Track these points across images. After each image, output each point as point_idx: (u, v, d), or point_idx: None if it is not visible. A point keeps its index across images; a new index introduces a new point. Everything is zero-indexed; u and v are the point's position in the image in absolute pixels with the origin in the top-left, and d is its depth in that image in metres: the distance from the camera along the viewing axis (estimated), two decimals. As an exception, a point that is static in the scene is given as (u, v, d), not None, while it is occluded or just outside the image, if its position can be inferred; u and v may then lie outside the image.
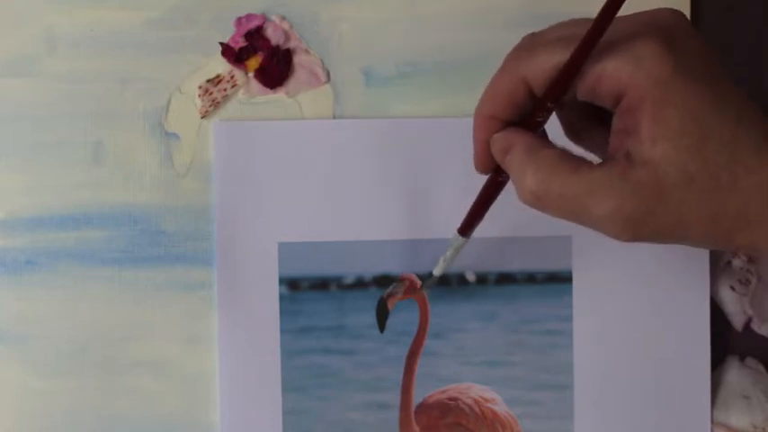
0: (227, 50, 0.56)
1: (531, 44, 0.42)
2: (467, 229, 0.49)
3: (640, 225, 0.40)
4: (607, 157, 0.41)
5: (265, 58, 0.56)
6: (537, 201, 0.41)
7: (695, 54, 0.40)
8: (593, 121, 0.44)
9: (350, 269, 0.56)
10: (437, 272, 0.52)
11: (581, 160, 0.41)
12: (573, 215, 0.41)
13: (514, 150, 0.42)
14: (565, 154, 0.41)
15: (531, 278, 0.57)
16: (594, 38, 0.39)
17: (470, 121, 0.43)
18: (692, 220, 0.39)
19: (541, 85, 0.41)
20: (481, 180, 0.46)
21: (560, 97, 0.41)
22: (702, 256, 0.56)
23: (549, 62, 0.41)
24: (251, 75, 0.56)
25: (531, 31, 0.43)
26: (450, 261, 0.51)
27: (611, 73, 0.40)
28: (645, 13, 0.41)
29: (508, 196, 0.55)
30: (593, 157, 0.43)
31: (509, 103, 0.42)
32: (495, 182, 0.46)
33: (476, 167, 0.45)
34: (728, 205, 0.39)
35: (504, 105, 0.43)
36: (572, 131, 0.45)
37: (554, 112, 0.43)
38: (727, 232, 0.40)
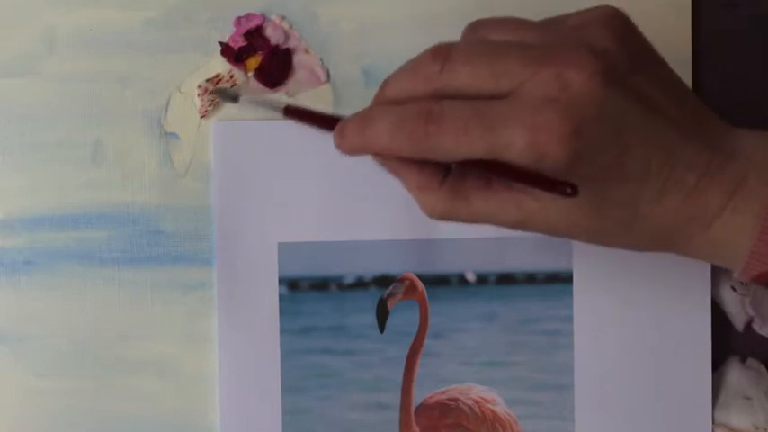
0: (226, 50, 0.56)
1: (438, 115, 0.40)
2: (295, 116, 0.46)
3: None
4: None
5: (265, 57, 0.56)
6: (442, 219, 0.43)
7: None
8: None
9: (350, 269, 0.56)
10: (242, 100, 0.49)
11: (469, 187, 0.43)
12: (485, 223, 0.43)
13: (405, 181, 0.43)
14: (452, 186, 0.43)
15: (531, 278, 0.56)
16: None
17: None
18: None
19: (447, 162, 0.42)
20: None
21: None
22: (703, 256, 0.56)
23: (457, 152, 0.40)
24: (250, 74, 0.56)
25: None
26: (257, 104, 0.48)
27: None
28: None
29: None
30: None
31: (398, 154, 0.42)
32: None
33: (337, 144, 0.44)
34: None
35: (395, 153, 0.42)
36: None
37: None
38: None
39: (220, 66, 0.56)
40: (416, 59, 0.42)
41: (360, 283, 0.56)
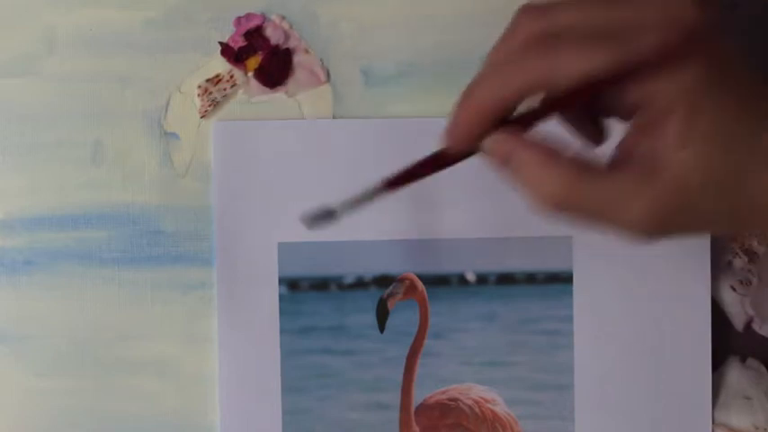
0: (226, 50, 0.56)
1: (554, 37, 0.39)
2: (395, 186, 0.44)
3: (666, 225, 0.40)
4: (619, 154, 0.41)
5: (265, 57, 0.56)
6: (557, 208, 0.40)
7: (725, 59, 0.40)
8: (589, 117, 0.44)
9: (350, 269, 0.56)
10: (341, 208, 0.46)
11: (596, 165, 0.40)
12: (596, 220, 0.40)
13: (524, 162, 0.40)
14: (580, 161, 0.40)
15: (531, 278, 0.56)
16: (640, 56, 0.38)
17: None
18: (712, 216, 0.40)
19: (562, 89, 0.39)
20: (484, 180, 0.46)
21: (580, 103, 0.40)
22: (703, 256, 0.56)
23: (579, 69, 0.39)
24: (250, 74, 0.56)
25: None
26: (356, 204, 0.45)
27: (644, 85, 0.39)
28: (670, 12, 0.40)
29: (509, 197, 0.55)
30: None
31: (517, 101, 0.40)
32: (454, 159, 0.42)
33: (446, 146, 0.42)
34: (747, 199, 0.40)
35: (511, 102, 0.40)
36: (567, 124, 0.44)
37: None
38: (743, 222, 0.41)
39: (220, 66, 0.56)
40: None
41: (360, 283, 0.56)
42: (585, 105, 0.42)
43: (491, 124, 0.41)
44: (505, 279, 0.56)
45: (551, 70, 0.39)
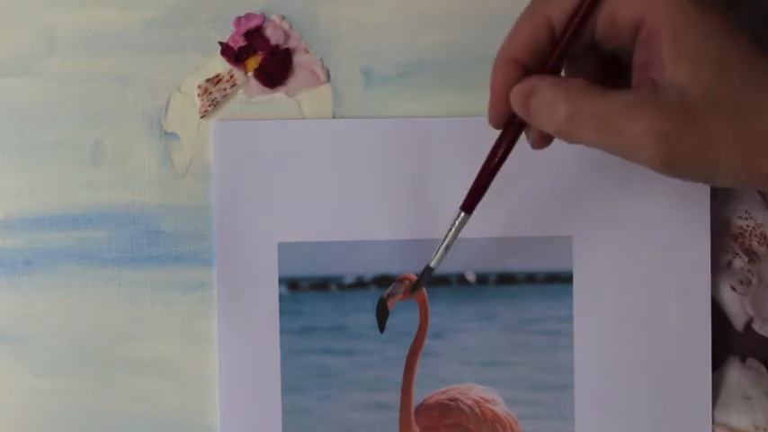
0: (226, 50, 0.56)
1: None
2: (472, 203, 0.48)
3: (673, 145, 0.40)
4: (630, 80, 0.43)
5: (265, 57, 0.56)
6: (571, 124, 0.42)
7: None
8: (608, 73, 0.45)
9: (350, 269, 0.56)
10: (435, 263, 0.51)
11: (607, 88, 0.42)
12: (606, 138, 0.41)
13: (540, 90, 0.43)
14: (587, 82, 0.42)
15: (531, 278, 0.56)
16: None
17: (470, 121, 0.43)
18: (719, 141, 0.40)
19: (564, 23, 0.43)
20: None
21: (581, 29, 0.42)
22: (703, 255, 0.56)
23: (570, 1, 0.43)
24: (250, 74, 0.56)
25: None
26: (450, 245, 0.50)
27: (630, 1, 0.41)
28: None
29: (509, 196, 0.55)
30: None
31: (531, 45, 0.44)
32: (507, 140, 0.46)
33: (490, 119, 0.46)
34: (753, 126, 0.40)
35: (526, 47, 0.44)
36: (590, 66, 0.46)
37: (568, 69, 0.44)
38: (752, 157, 0.41)
39: (220, 66, 0.56)
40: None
41: (360, 283, 0.56)
42: (602, 62, 0.45)
43: (518, 78, 0.44)
44: (505, 279, 0.56)
45: (552, 8, 0.43)
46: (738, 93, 0.40)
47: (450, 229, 0.49)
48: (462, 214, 0.49)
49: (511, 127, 0.45)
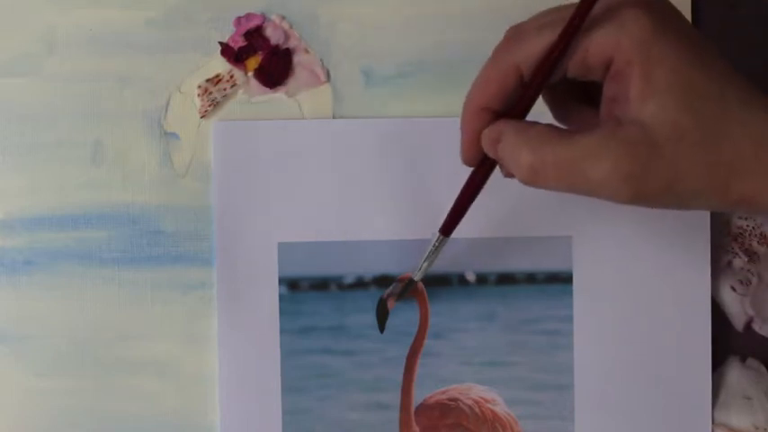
0: (226, 50, 0.56)
1: (518, 33, 0.43)
2: (450, 227, 0.49)
3: (638, 182, 0.40)
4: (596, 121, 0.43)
5: (265, 57, 0.56)
6: (535, 174, 0.42)
7: (675, 20, 0.42)
8: (581, 101, 0.45)
9: (350, 269, 0.56)
10: (418, 276, 0.52)
11: (570, 130, 0.42)
12: (571, 183, 0.41)
13: (505, 136, 0.43)
14: (553, 127, 0.42)
15: (531, 278, 0.56)
16: (583, 14, 0.41)
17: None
18: (688, 172, 0.40)
19: (533, 69, 0.43)
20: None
21: (550, 75, 0.42)
22: (703, 256, 0.56)
23: (539, 45, 0.42)
24: (250, 74, 0.56)
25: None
26: (431, 264, 0.51)
27: (598, 41, 0.41)
28: None
29: (509, 196, 0.55)
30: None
31: (499, 92, 0.44)
32: (480, 175, 0.46)
33: (463, 160, 0.46)
34: (722, 155, 0.40)
35: (495, 94, 0.44)
36: (561, 114, 0.46)
37: (542, 99, 0.44)
38: (722, 183, 0.41)
39: (220, 66, 0.56)
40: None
41: (360, 283, 0.56)
42: (574, 92, 0.45)
43: (488, 122, 0.44)
44: (505, 279, 0.56)
45: (519, 55, 0.43)
46: (707, 122, 0.40)
47: (431, 249, 0.50)
48: (441, 237, 0.50)
49: (485, 163, 0.46)
